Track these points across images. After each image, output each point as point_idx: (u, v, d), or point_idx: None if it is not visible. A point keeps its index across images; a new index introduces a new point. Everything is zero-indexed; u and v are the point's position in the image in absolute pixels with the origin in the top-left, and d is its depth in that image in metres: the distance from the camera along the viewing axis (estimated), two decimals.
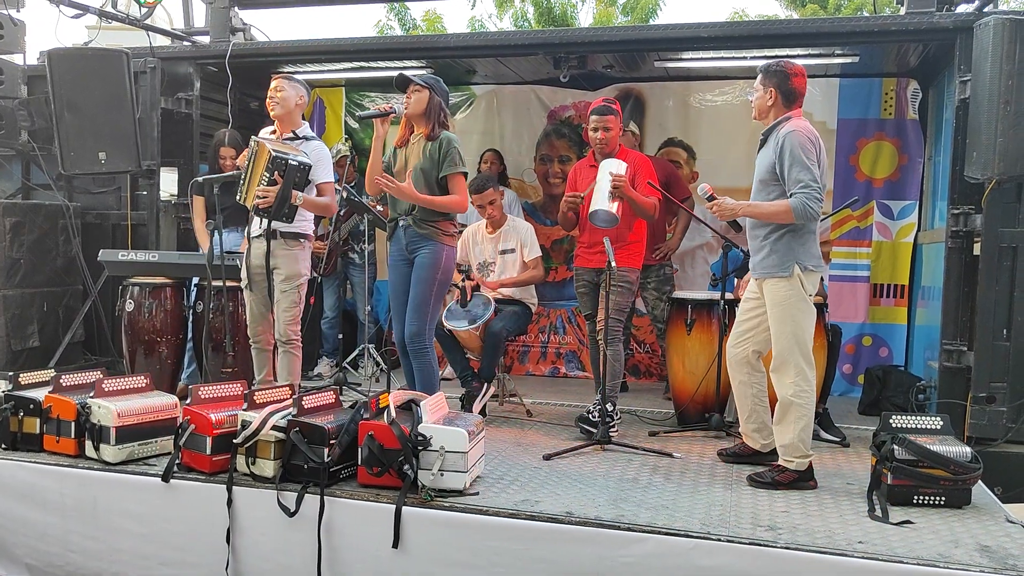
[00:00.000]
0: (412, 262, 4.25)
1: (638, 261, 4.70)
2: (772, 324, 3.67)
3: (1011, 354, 4.30)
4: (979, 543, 3.01)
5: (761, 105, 3.72)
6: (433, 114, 4.21)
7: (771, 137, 3.68)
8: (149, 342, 4.96)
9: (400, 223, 4.26)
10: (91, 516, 3.66)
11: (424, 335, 4.22)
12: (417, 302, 4.19)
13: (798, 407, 3.61)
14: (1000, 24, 3.93)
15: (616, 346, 4.62)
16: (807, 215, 3.52)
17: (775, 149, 3.60)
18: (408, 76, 4.24)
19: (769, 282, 3.67)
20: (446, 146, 4.19)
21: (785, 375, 3.63)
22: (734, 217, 3.79)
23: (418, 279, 4.20)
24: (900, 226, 5.87)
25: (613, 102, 4.65)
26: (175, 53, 5.97)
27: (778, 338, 3.64)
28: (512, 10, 15.46)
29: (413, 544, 3.22)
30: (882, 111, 5.92)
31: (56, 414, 3.85)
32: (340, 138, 6.79)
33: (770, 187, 3.66)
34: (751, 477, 3.71)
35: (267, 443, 3.44)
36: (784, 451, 3.68)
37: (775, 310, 3.65)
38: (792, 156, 3.53)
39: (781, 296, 3.63)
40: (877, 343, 5.96)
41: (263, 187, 4.08)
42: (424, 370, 4.26)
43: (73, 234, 5.72)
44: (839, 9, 15.87)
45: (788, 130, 3.58)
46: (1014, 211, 4.30)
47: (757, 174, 3.74)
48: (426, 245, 4.21)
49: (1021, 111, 3.91)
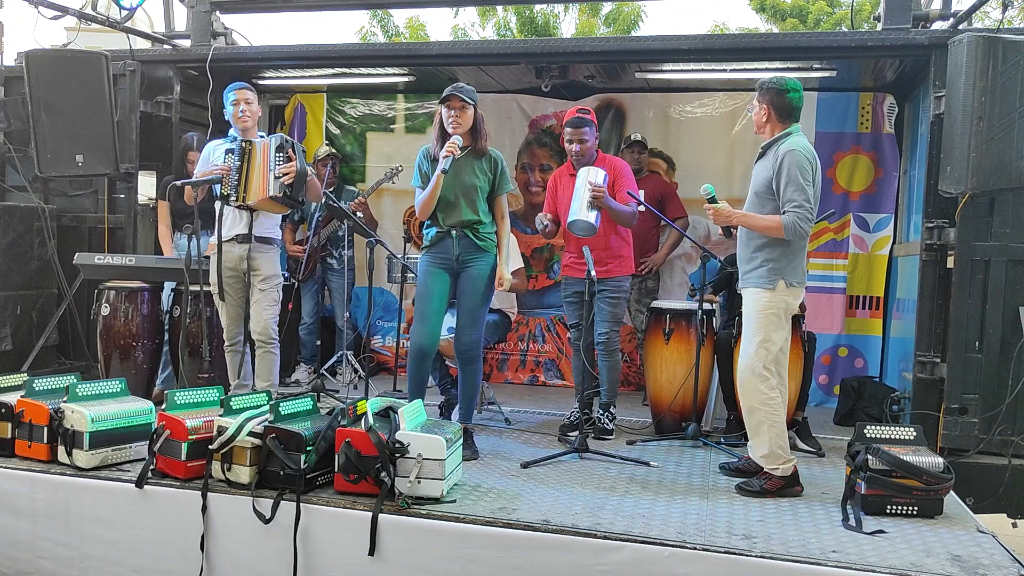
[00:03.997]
0: (457, 272, 4.23)
1: (629, 267, 4.77)
2: (745, 333, 3.73)
3: (983, 366, 4.37)
4: (951, 553, 3.05)
5: (758, 120, 3.79)
6: (481, 129, 4.21)
7: (770, 151, 3.73)
8: (124, 346, 4.91)
9: (454, 233, 4.19)
10: (63, 522, 3.62)
11: (481, 342, 4.30)
12: (476, 313, 4.23)
13: (766, 414, 3.66)
14: (974, 42, 4.00)
15: (616, 355, 4.73)
16: (797, 233, 3.59)
17: (773, 164, 3.65)
18: (457, 91, 4.10)
19: (751, 291, 3.72)
20: (501, 164, 4.27)
21: (752, 383, 3.67)
22: (729, 224, 3.82)
23: (476, 289, 4.21)
24: (876, 239, 5.94)
25: (587, 112, 4.69)
26: (155, 56, 5.94)
27: (744, 349, 3.71)
28: (495, 19, 15.51)
29: (389, 551, 3.21)
30: (859, 125, 5.99)
31: (28, 418, 3.80)
32: (321, 143, 6.77)
33: (765, 200, 3.70)
34: (740, 487, 3.73)
35: (243, 449, 3.42)
36: (765, 461, 3.71)
37: (751, 318, 3.70)
38: (789, 175, 3.59)
39: (760, 306, 3.67)
40: (853, 354, 6.02)
41: (283, 166, 4.24)
42: (476, 376, 4.34)
43: (48, 237, 5.66)
44: (818, 24, 16.07)
45: (788, 148, 3.64)
46: (986, 225, 4.36)
47: (753, 185, 3.78)
48: (483, 257, 4.23)
49: (994, 127, 3.97)
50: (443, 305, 4.27)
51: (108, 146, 5.33)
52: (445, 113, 4.12)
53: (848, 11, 15.20)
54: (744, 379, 3.70)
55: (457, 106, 4.09)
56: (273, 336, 4.45)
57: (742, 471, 3.99)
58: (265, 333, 4.42)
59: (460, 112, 4.10)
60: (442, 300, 4.25)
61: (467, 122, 4.12)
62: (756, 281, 3.70)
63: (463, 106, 4.10)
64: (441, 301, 4.25)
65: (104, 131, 5.31)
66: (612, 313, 4.69)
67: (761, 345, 3.65)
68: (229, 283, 4.42)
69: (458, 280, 4.25)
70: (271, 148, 4.28)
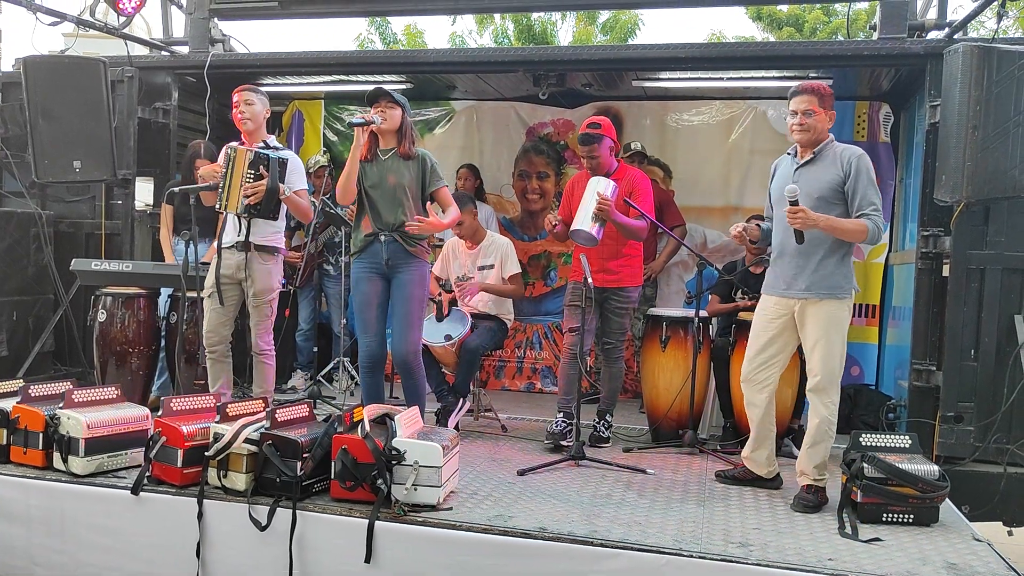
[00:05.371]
0: (388, 277, 4.26)
1: (639, 277, 4.77)
2: (822, 345, 3.62)
3: (978, 374, 4.38)
4: (946, 560, 3.05)
5: (822, 127, 3.70)
6: (407, 133, 4.27)
7: (825, 155, 3.70)
8: (121, 353, 4.90)
9: (382, 238, 4.23)
10: (58, 529, 3.60)
11: (418, 350, 4.30)
12: (411, 319, 4.24)
13: (831, 426, 3.66)
14: (969, 51, 4.01)
15: (619, 364, 4.76)
16: (877, 236, 3.62)
17: (843, 168, 3.64)
18: (384, 90, 4.22)
19: (824, 303, 3.64)
20: (429, 162, 4.29)
21: (828, 395, 3.64)
22: (812, 227, 3.62)
23: (409, 296, 4.23)
24: (872, 247, 5.95)
25: (596, 126, 4.59)
26: (153, 63, 5.94)
27: (828, 359, 3.62)
28: (492, 27, 15.56)
29: (386, 559, 3.20)
30: (855, 133, 6.02)
31: (24, 425, 3.79)
32: (319, 150, 6.79)
33: (832, 205, 3.65)
34: (800, 507, 3.63)
35: (239, 456, 3.41)
36: (817, 471, 3.68)
37: (830, 330, 3.63)
38: (868, 178, 3.63)
39: (838, 317, 3.65)
40: (849, 362, 5.92)
41: (251, 184, 4.16)
42: (421, 385, 4.34)
43: (45, 243, 5.65)
44: (814, 33, 16.15)
45: (857, 152, 3.67)
46: (982, 234, 4.38)
47: (814, 191, 3.66)
48: (412, 262, 4.25)
49: (989, 136, 3.99)
50: (384, 310, 4.30)
51: (106, 152, 5.34)
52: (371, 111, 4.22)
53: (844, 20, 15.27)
54: (825, 389, 3.63)
55: (384, 105, 4.20)
56: (264, 348, 4.46)
57: (738, 479, 3.99)
58: (257, 347, 4.45)
59: (387, 109, 4.19)
60: (381, 306, 4.29)
61: (393, 122, 4.20)
62: (830, 291, 3.63)
63: (390, 105, 4.20)
64: (381, 307, 4.29)
65: (102, 137, 5.31)
66: (619, 323, 4.70)
67: (840, 357, 3.63)
68: (223, 290, 4.39)
69: (390, 286, 4.28)
70: (245, 163, 4.20)
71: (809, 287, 3.67)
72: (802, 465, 3.73)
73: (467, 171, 6.36)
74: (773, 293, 3.82)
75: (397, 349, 4.25)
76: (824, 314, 3.64)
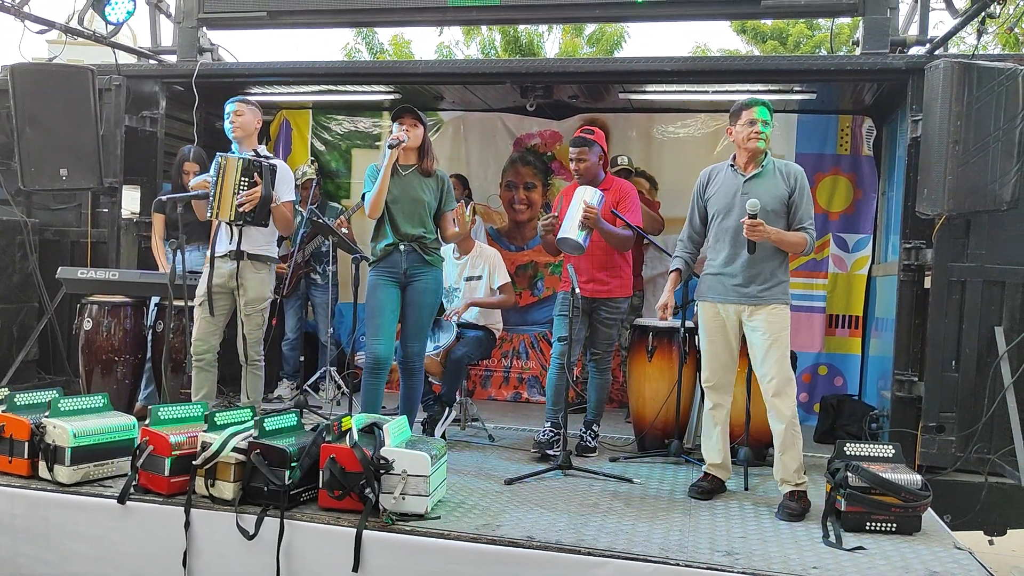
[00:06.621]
0: (404, 285, 4.36)
1: (629, 288, 4.80)
2: (776, 348, 3.75)
3: (960, 385, 4.43)
4: (928, 569, 3.09)
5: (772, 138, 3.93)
6: (428, 150, 4.41)
7: (771, 170, 3.86)
8: (107, 361, 4.88)
9: (402, 247, 4.32)
10: (43, 538, 3.58)
11: (422, 355, 4.49)
12: (421, 325, 4.42)
13: (795, 427, 3.74)
14: (949, 67, 4.08)
15: (607, 375, 4.82)
16: (811, 249, 3.87)
17: (788, 183, 3.82)
18: (410, 108, 4.33)
19: (772, 308, 3.79)
20: (447, 183, 4.50)
21: (788, 396, 3.73)
22: (765, 239, 3.73)
23: (423, 304, 4.39)
24: (855, 259, 6.03)
25: (590, 132, 4.69)
26: (141, 71, 5.94)
27: (783, 360, 3.75)
28: (479, 37, 15.61)
29: (374, 568, 3.20)
30: (838, 147, 6.10)
31: (9, 433, 3.76)
32: (306, 160, 6.80)
33: (779, 218, 3.81)
34: (785, 516, 3.65)
35: (227, 465, 3.40)
36: (796, 475, 3.74)
37: (779, 335, 3.77)
38: (809, 194, 3.86)
39: (784, 323, 3.81)
40: (832, 372, 6.09)
41: (245, 191, 4.21)
42: (418, 387, 4.50)
43: (31, 250, 5.63)
44: (798, 46, 16.30)
45: (800, 169, 3.88)
46: (962, 246, 4.44)
47: (767, 204, 3.75)
48: (430, 272, 4.39)
49: (969, 151, 4.05)
50: (395, 318, 4.38)
51: (92, 160, 5.33)
52: (396, 127, 4.33)
53: (827, 34, 15.44)
54: (784, 391, 3.72)
55: (409, 122, 4.32)
56: (256, 357, 4.48)
57: (712, 491, 3.97)
58: (249, 356, 4.46)
59: (411, 127, 4.32)
60: (394, 313, 4.36)
61: (416, 139, 4.32)
62: (780, 297, 3.83)
63: (414, 123, 4.33)
64: (393, 314, 4.36)
65: (89, 145, 5.30)
66: (608, 334, 4.73)
67: (787, 359, 3.77)
68: (216, 298, 4.39)
69: (405, 293, 4.37)
70: (236, 171, 4.23)
71: (762, 294, 3.82)
72: (780, 474, 3.78)
73: (455, 181, 6.38)
74: (717, 300, 3.91)
75: (407, 351, 4.39)
76: (776, 319, 3.79)
